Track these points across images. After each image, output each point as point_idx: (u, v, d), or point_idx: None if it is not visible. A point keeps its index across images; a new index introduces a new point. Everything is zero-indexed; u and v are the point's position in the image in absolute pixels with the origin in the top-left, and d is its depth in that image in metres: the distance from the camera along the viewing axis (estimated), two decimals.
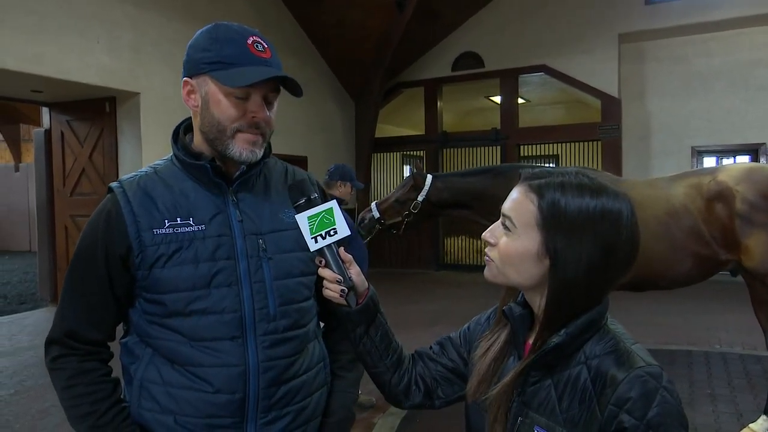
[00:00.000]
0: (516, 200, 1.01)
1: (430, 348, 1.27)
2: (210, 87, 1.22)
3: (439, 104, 11.59)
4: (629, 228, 0.97)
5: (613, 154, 10.02)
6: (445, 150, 11.55)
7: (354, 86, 10.82)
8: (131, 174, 1.30)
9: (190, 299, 1.21)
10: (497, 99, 11.55)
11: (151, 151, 6.84)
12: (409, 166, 12.37)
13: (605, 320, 1.01)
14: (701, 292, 7.45)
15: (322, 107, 10.20)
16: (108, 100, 7.02)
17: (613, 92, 10.05)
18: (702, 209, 3.44)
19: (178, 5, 7.29)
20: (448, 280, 10.28)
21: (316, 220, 1.15)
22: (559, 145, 10.91)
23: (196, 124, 1.29)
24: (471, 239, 11.25)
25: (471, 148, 11.26)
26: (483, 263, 1.08)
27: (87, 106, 7.19)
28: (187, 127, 1.35)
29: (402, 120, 12.90)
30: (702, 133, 9.91)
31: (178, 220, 1.22)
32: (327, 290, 1.15)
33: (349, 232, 1.16)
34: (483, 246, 1.08)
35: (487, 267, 1.06)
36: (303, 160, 9.55)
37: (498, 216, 1.05)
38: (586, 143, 10.46)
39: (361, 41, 9.74)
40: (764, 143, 9.55)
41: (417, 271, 11.20)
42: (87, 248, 1.25)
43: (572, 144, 10.62)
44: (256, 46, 1.22)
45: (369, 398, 4.21)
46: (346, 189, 4.14)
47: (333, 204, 1.17)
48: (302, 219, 1.16)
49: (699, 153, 10.19)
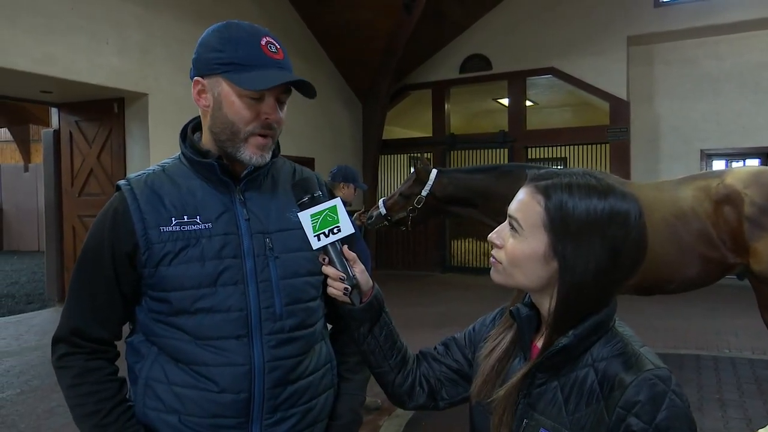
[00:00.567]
0: (523, 201, 1.01)
1: (435, 348, 1.26)
2: (223, 88, 1.21)
3: (446, 106, 11.58)
4: (637, 229, 0.96)
5: (621, 157, 9.97)
6: (452, 152, 11.54)
7: (361, 88, 10.83)
8: (139, 172, 1.30)
9: (196, 297, 1.20)
10: (505, 101, 11.53)
11: (158, 151, 6.86)
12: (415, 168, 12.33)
13: (613, 322, 1.00)
14: (710, 296, 7.41)
15: (329, 108, 10.21)
16: (116, 101, 7.07)
17: (621, 95, 10.01)
18: (710, 212, 3.41)
19: (186, 6, 7.33)
20: (455, 282, 10.25)
21: (319, 218, 1.14)
22: (567, 147, 10.86)
23: (205, 124, 1.28)
24: (477, 242, 11.22)
25: (478, 151, 11.25)
26: (489, 266, 1.07)
27: (95, 107, 7.24)
28: (194, 126, 1.35)
29: (409, 122, 12.90)
30: (711, 136, 9.83)
31: (185, 217, 1.22)
32: (331, 288, 1.15)
33: (352, 230, 1.15)
34: (489, 248, 1.07)
35: (494, 269, 1.05)
36: (310, 161, 9.56)
37: (504, 217, 1.04)
38: (594, 146, 10.42)
39: (368, 43, 9.75)
40: None
41: (423, 273, 11.18)
42: (94, 246, 1.24)
43: (580, 147, 10.58)
44: (269, 47, 1.22)
45: (374, 400, 4.20)
46: (349, 190, 4.08)
47: (337, 202, 1.16)
48: (305, 216, 1.15)
49: (708, 156, 10.12)
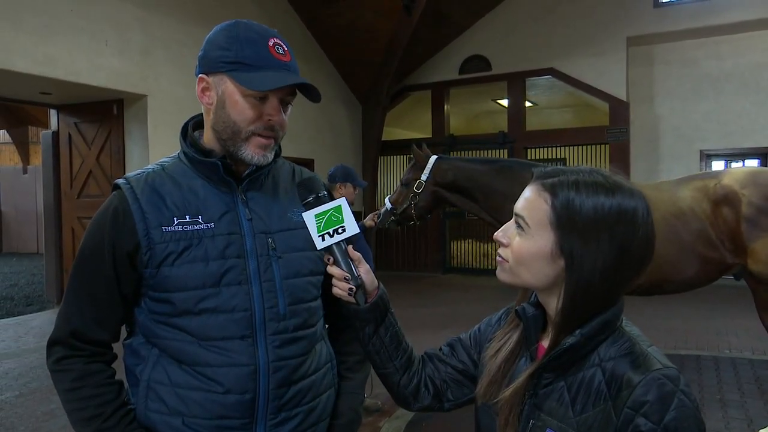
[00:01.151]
0: (529, 199, 0.99)
1: (440, 349, 1.25)
2: (227, 86, 1.20)
3: (446, 107, 11.58)
4: (645, 226, 0.95)
5: (621, 157, 9.96)
6: (452, 153, 11.50)
7: (361, 89, 10.83)
8: (137, 171, 1.27)
9: (200, 297, 1.19)
10: (504, 102, 11.53)
11: (158, 153, 6.85)
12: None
13: (620, 322, 0.99)
14: (711, 297, 7.41)
15: (329, 110, 10.20)
16: (116, 103, 7.06)
17: (621, 95, 10.01)
18: (708, 212, 3.43)
19: (187, 8, 7.32)
20: (455, 283, 10.23)
21: (323, 218, 1.13)
22: (567, 148, 10.86)
23: (208, 122, 1.27)
24: (477, 243, 11.20)
25: (478, 152, 11.23)
26: (489, 266, 1.06)
27: (95, 109, 7.23)
28: (195, 124, 1.33)
29: (409, 123, 12.89)
30: (711, 136, 9.84)
31: (187, 217, 1.21)
32: (335, 288, 1.14)
33: (357, 230, 1.14)
34: (489, 249, 1.06)
35: (500, 267, 1.04)
36: (310, 162, 9.56)
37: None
38: (594, 146, 10.42)
39: (368, 44, 9.75)
40: None
41: (424, 274, 11.17)
42: (93, 246, 1.22)
43: (580, 147, 10.58)
44: (277, 48, 1.21)
45: (375, 402, 4.18)
46: (348, 190, 3.99)
47: (342, 201, 1.15)
48: (309, 217, 1.14)
49: (708, 156, 10.11)
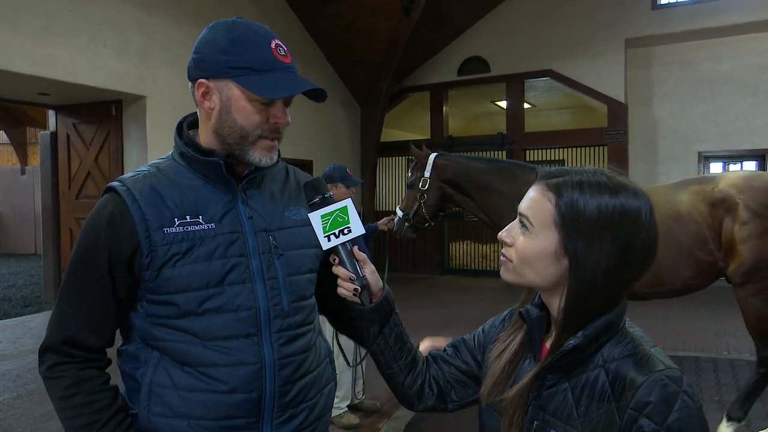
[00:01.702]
0: (533, 199, 1.00)
1: (444, 350, 1.26)
2: (233, 92, 1.19)
3: (444, 109, 11.58)
4: (648, 227, 0.96)
5: (619, 159, 9.96)
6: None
7: (360, 90, 10.82)
8: (132, 173, 1.25)
9: (204, 298, 1.18)
10: (503, 104, 11.54)
11: (156, 153, 6.75)
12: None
13: (623, 323, 1.00)
14: (709, 298, 7.41)
15: (328, 111, 10.20)
16: (114, 103, 7.04)
17: (619, 97, 10.03)
18: (706, 215, 3.44)
19: (186, 9, 7.31)
20: (454, 284, 10.24)
21: (329, 219, 1.14)
22: (566, 150, 10.87)
23: (207, 125, 1.25)
24: (476, 244, 11.20)
25: (477, 153, 11.22)
26: (488, 268, 1.07)
27: (93, 109, 7.21)
28: (189, 123, 1.32)
29: (407, 124, 12.90)
30: (709, 138, 9.86)
31: (187, 217, 1.19)
32: (341, 288, 1.15)
33: (363, 231, 1.15)
34: (488, 251, 1.06)
35: (504, 267, 1.04)
36: (308, 163, 9.56)
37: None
38: (592, 148, 10.43)
39: (367, 45, 9.76)
40: None
41: (422, 275, 11.16)
42: (88, 250, 1.19)
43: (578, 149, 10.59)
44: (279, 50, 1.20)
45: (374, 402, 4.18)
46: (339, 191, 3.92)
47: (348, 203, 1.16)
48: (315, 217, 1.14)
49: (706, 158, 10.14)
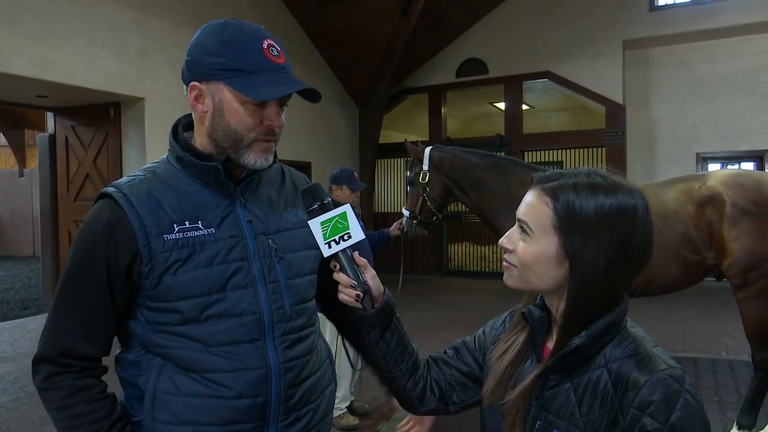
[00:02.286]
0: (531, 204, 1.01)
1: (445, 352, 1.26)
2: (225, 95, 1.17)
3: (443, 110, 11.59)
4: (644, 224, 0.97)
5: (617, 160, 9.97)
6: None
7: (358, 92, 10.83)
8: (126, 178, 1.22)
9: (207, 304, 1.17)
10: (501, 105, 11.55)
11: (155, 156, 6.63)
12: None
13: (625, 323, 1.01)
14: (708, 299, 7.43)
15: (326, 112, 10.20)
16: (113, 105, 7.03)
17: (617, 98, 10.04)
18: (693, 214, 3.46)
19: (185, 11, 7.31)
20: (453, 286, 10.25)
21: (329, 225, 1.13)
22: (564, 151, 10.88)
23: (202, 129, 1.23)
24: (475, 245, 11.21)
25: None
26: (487, 269, 1.07)
27: (92, 111, 7.20)
28: (184, 126, 1.31)
29: (406, 126, 12.90)
30: (707, 139, 9.89)
31: (186, 223, 1.17)
32: (342, 294, 1.14)
33: (363, 237, 1.14)
34: (486, 252, 1.07)
35: (507, 273, 1.05)
36: (307, 165, 9.56)
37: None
38: (590, 149, 10.44)
39: (366, 46, 9.76)
40: None
41: (421, 277, 11.16)
42: (84, 258, 1.17)
43: (577, 150, 10.60)
44: (272, 50, 1.18)
45: (362, 405, 4.13)
46: (343, 193, 3.89)
47: (346, 208, 1.15)
48: (315, 224, 1.14)
49: (704, 159, 10.16)
